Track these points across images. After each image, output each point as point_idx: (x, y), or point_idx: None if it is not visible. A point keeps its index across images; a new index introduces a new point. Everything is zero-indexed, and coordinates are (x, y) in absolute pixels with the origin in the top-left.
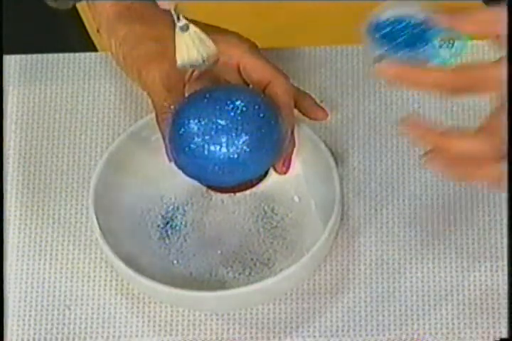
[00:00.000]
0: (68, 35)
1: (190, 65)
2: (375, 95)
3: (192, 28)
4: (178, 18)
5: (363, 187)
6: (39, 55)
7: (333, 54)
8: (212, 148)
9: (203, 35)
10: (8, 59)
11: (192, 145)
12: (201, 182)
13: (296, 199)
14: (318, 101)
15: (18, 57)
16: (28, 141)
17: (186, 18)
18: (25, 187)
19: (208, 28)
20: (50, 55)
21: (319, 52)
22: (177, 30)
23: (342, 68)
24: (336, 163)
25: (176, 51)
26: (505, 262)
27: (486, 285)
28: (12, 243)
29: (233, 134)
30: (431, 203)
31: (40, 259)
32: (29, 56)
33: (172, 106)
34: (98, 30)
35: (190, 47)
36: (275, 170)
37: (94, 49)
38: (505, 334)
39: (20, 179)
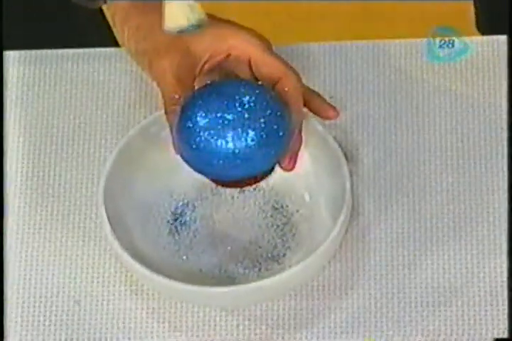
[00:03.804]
0: (88, 29)
1: (177, 30)
2: (384, 91)
3: None
4: None
5: (373, 183)
6: (49, 51)
7: (343, 50)
8: (218, 142)
9: (192, 2)
10: (17, 54)
11: (198, 139)
12: (206, 176)
13: (306, 195)
14: (327, 97)
15: (28, 52)
16: (38, 136)
17: None
18: (34, 182)
19: (221, 23)
20: (59, 51)
21: (328, 48)
22: None
23: (352, 64)
24: (346, 159)
25: (164, 17)
26: None
27: (496, 281)
28: (22, 239)
29: (239, 129)
30: (440, 199)
31: (49, 255)
32: (39, 51)
33: (181, 98)
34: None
35: (178, 13)
36: (281, 166)
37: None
38: None
39: (30, 175)
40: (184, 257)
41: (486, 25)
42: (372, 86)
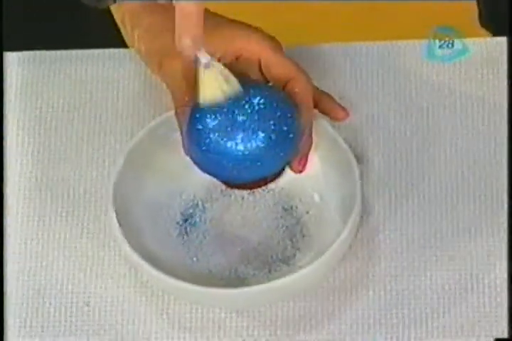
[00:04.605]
0: (93, 30)
1: (211, 102)
2: (394, 93)
3: (216, 64)
4: (202, 55)
5: (383, 184)
6: (57, 52)
7: (352, 51)
8: (227, 144)
9: (226, 72)
10: (22, 55)
11: (208, 141)
12: (216, 178)
13: (316, 196)
14: (337, 98)
15: (31, 53)
16: (47, 137)
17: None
18: (43, 184)
19: (231, 24)
20: (68, 52)
21: (338, 49)
22: (200, 66)
23: (361, 65)
24: (356, 160)
25: (199, 88)
26: None
27: (502, 283)
28: (31, 240)
29: (249, 131)
30: (450, 201)
31: (58, 256)
32: (44, 52)
33: (191, 99)
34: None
35: (213, 86)
36: (291, 168)
37: (122, 45)
38: None
39: (39, 176)
40: (194, 258)
41: (489, 24)
42: (381, 86)
